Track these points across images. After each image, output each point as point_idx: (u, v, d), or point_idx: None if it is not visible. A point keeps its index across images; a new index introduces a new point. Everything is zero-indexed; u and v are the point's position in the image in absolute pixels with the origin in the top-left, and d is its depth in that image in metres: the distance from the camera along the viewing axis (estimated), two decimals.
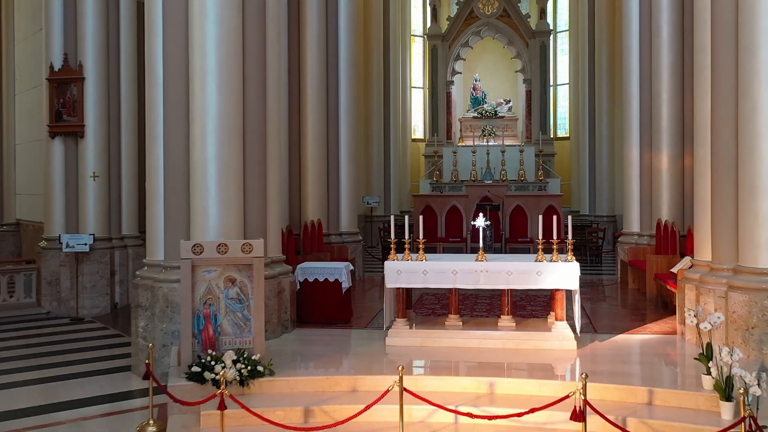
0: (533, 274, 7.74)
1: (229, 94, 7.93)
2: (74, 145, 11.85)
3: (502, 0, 21.21)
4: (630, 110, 12.78)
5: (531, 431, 6.05)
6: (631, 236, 12.75)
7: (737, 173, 7.45)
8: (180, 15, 7.93)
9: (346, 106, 13.11)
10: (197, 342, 6.85)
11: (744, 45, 7.32)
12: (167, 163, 8.10)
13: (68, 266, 11.71)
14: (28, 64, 15.44)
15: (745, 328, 7.21)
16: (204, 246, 6.79)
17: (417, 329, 8.04)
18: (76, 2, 11.74)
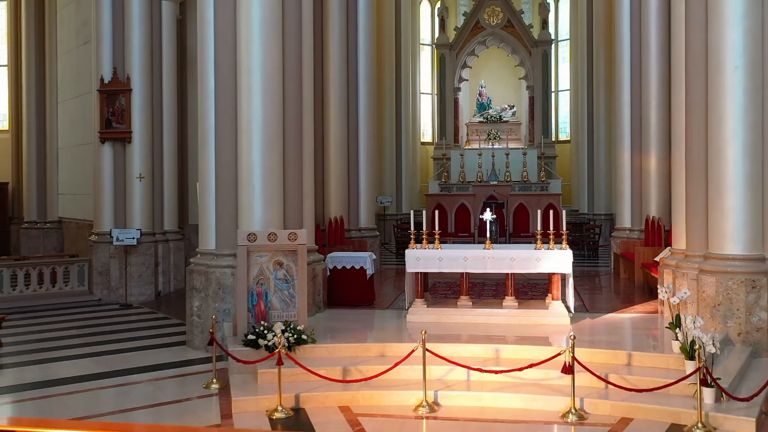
0: (533, 260, 9.06)
1: (271, 107, 9.28)
2: (122, 149, 13.21)
3: (506, 11, 22.48)
4: (622, 117, 14.10)
5: (530, 386, 7.34)
6: (623, 231, 14.07)
7: (707, 174, 8.74)
8: (229, 39, 9.27)
9: (364, 115, 14.44)
10: (251, 315, 8.19)
11: (712, 65, 8.62)
12: (218, 166, 9.44)
13: (117, 258, 13.07)
14: (71, 75, 16.81)
15: (713, 305, 8.52)
16: (257, 235, 8.13)
17: (433, 308, 9.36)
18: (124, 21, 13.10)
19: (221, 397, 7.49)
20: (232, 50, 9.28)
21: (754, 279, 8.39)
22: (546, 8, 22.79)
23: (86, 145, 15.59)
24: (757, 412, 6.59)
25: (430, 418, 6.87)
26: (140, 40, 13.14)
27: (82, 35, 15.86)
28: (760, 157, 8.48)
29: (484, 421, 6.78)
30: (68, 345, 9.97)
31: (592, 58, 20.49)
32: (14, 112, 19.55)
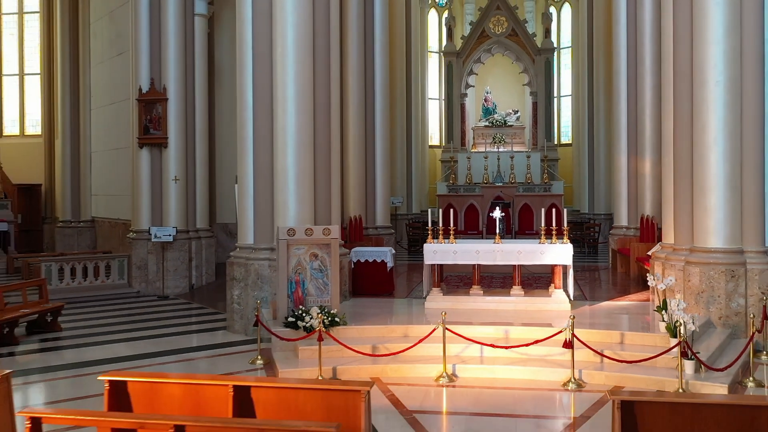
0: (537, 253, 10.20)
1: (303, 116, 10.42)
2: (159, 153, 14.36)
3: (510, 21, 23.56)
4: (619, 123, 15.22)
5: (535, 360, 8.46)
6: (620, 229, 15.18)
7: (692, 176, 9.86)
8: (266, 56, 10.41)
9: (380, 120, 15.56)
10: (290, 301, 9.32)
11: (696, 80, 9.74)
12: (256, 169, 10.57)
13: (155, 254, 14.23)
14: (105, 84, 17.97)
15: (697, 293, 9.64)
16: (296, 230, 9.27)
17: (448, 296, 10.49)
18: (160, 35, 14.25)
19: (267, 371, 8.61)
20: (268, 66, 10.41)
21: (733, 269, 9.52)
22: (549, 18, 23.86)
23: (120, 149, 16.75)
24: (730, 380, 7.71)
25: (449, 387, 7.99)
26: (175, 53, 14.28)
27: (116, 47, 17.02)
28: (739, 162, 9.60)
29: (496, 388, 7.91)
30: (121, 330, 11.11)
31: (593, 65, 21.55)
32: (47, 118, 20.72)
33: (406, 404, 7.33)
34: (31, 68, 21.94)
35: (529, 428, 6.74)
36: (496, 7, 23.52)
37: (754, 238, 9.67)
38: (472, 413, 7.19)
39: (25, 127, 22.14)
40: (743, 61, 9.61)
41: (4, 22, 22.04)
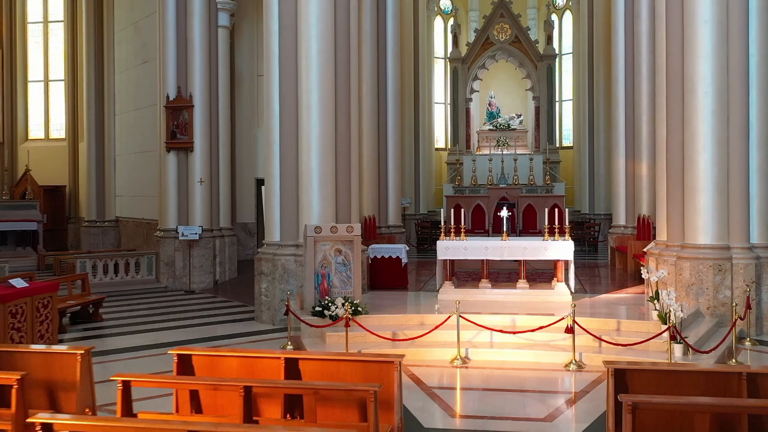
0: (541, 249, 11.12)
1: (326, 123, 11.35)
2: (185, 157, 15.29)
3: (514, 28, 24.47)
4: (618, 128, 16.14)
5: (540, 346, 9.38)
6: (619, 228, 16.10)
7: (683, 179, 10.77)
8: (291, 67, 11.33)
9: (392, 125, 16.50)
10: (316, 292, 10.25)
11: (687, 90, 10.66)
12: (282, 172, 11.49)
13: (182, 251, 15.16)
14: (130, 91, 18.91)
15: (688, 285, 10.56)
16: (322, 228, 10.19)
17: (459, 289, 11.41)
18: (187, 46, 15.19)
19: None
20: (294, 77, 11.34)
21: (720, 264, 10.44)
22: (551, 25, 24.76)
23: (144, 152, 17.69)
24: (714, 361, 8.63)
25: (463, 368, 8.91)
26: (200, 62, 15.22)
27: (141, 56, 17.96)
28: (726, 166, 10.52)
29: (505, 369, 8.83)
30: (156, 320, 12.05)
31: (593, 71, 22.43)
32: (71, 123, 21.67)
33: (426, 382, 8.25)
34: (55, 75, 22.88)
35: (535, 402, 7.65)
36: (500, 15, 24.41)
37: (739, 236, 10.60)
38: (484, 389, 8.12)
39: (49, 131, 23.09)
40: (729, 74, 10.52)
41: (29, 31, 22.99)
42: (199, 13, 15.13)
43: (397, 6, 16.99)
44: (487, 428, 6.78)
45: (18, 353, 6.42)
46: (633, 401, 4.96)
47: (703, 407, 5.03)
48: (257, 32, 18.41)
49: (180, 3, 15.17)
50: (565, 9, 26.10)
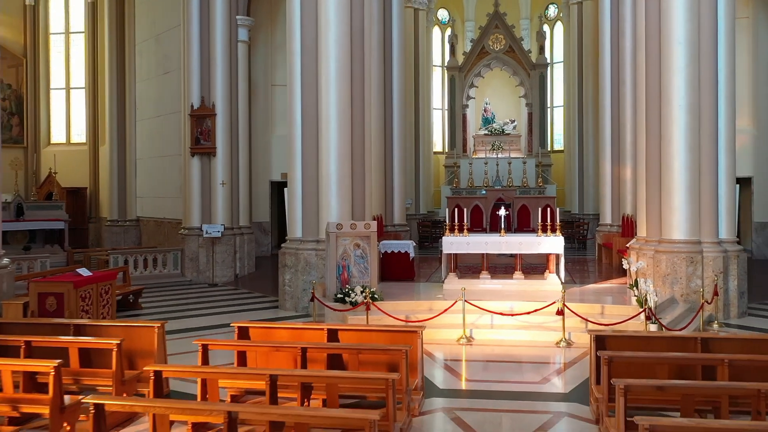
0: (535, 244, 12.54)
1: (343, 132, 12.71)
2: (208, 161, 16.63)
3: (508, 38, 25.89)
4: (604, 135, 17.58)
5: (534, 327, 10.77)
6: (605, 226, 17.54)
7: (660, 182, 12.20)
8: (312, 83, 12.68)
9: (397, 131, 17.87)
10: (338, 281, 11.62)
11: (663, 102, 12.08)
12: (304, 175, 12.84)
13: (205, 247, 16.50)
14: (151, 99, 20.22)
15: (664, 275, 11.99)
16: (343, 225, 11.56)
17: (462, 279, 12.79)
18: (210, 59, 16.52)
19: None
20: (314, 91, 12.70)
21: (692, 256, 11.88)
22: (543, 36, 26.19)
23: (165, 157, 19.01)
24: None
25: (468, 345, 10.30)
26: (222, 74, 16.57)
27: (162, 67, 19.29)
28: (697, 170, 11.95)
29: (504, 346, 10.23)
30: (189, 308, 13.39)
31: (582, 79, 23.82)
32: (91, 128, 22.97)
33: (438, 356, 9.64)
34: (76, 83, 24.15)
35: (530, 370, 9.05)
36: (495, 26, 25.83)
37: (709, 232, 12.04)
38: (487, 361, 9.52)
39: (71, 136, 24.37)
40: (701, 89, 11.97)
41: (52, 41, 24.28)
42: (221, 29, 16.47)
43: (402, 21, 18.38)
44: (491, 389, 8.17)
45: (105, 326, 7.79)
46: (609, 356, 6.37)
47: (663, 359, 6.43)
48: (271, 46, 19.79)
49: (203, 20, 16.50)
50: (556, 20, 27.59)
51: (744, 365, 6.21)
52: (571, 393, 7.99)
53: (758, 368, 6.21)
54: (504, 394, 7.93)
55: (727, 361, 6.16)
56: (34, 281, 9.78)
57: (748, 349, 6.78)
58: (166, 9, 19.15)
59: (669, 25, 12.02)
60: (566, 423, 7.02)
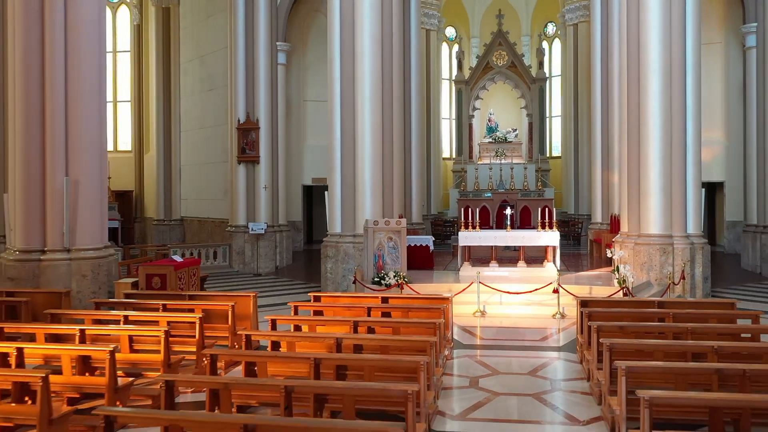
0: (535, 238, 15.13)
1: (376, 145, 15.29)
2: (252, 168, 19.22)
3: (510, 55, 28.50)
4: (595, 145, 20.18)
5: (535, 304, 13.36)
6: (596, 224, 20.14)
7: (639, 185, 14.78)
8: (350, 104, 15.25)
9: (415, 142, 20.46)
10: (374, 268, 14.21)
11: (642, 122, 14.67)
12: (343, 181, 15.42)
13: (250, 243, 19.09)
14: (194, 113, 22.83)
15: (642, 263, 14.57)
16: (378, 221, 14.15)
17: (475, 267, 15.36)
18: (254, 79, 19.11)
19: None
20: (352, 110, 15.27)
21: (664, 248, 14.45)
22: (542, 52, 28.80)
23: (209, 164, 21.60)
24: None
25: (481, 318, 12.88)
26: (264, 92, 19.18)
27: (206, 84, 21.90)
28: (669, 177, 14.50)
29: (511, 317, 12.81)
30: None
31: (577, 93, 26.38)
32: (137, 137, 25.58)
33: (458, 324, 12.22)
34: (122, 96, 26.78)
35: (532, 333, 11.61)
36: (498, 43, 28.46)
37: (679, 227, 14.59)
38: (498, 327, 12.11)
39: (117, 144, 26.97)
40: (672, 110, 14.53)
41: None
42: (264, 53, 19.09)
43: (419, 44, 20.98)
44: (502, 344, 10.76)
45: (215, 296, 10.38)
46: (589, 311, 8.97)
47: (627, 314, 9.02)
48: (303, 66, 22.36)
49: (248, 45, 19.12)
50: (554, 37, 30.21)
51: (684, 317, 8.78)
52: (563, 346, 10.59)
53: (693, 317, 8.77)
54: (512, 347, 10.53)
55: (671, 313, 8.75)
56: (143, 265, 12.37)
57: (687, 306, 9.38)
58: (210, 33, 21.77)
59: (646, 56, 14.61)
60: (559, 363, 9.62)
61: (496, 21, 28.44)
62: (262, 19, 19.14)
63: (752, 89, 18.35)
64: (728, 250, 21.44)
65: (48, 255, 11.68)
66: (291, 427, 4.52)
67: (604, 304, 9.75)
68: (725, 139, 20.63)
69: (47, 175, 11.66)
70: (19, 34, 11.64)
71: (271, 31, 19.29)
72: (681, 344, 7.20)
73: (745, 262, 18.94)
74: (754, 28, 18.10)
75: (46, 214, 11.72)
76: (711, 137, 20.05)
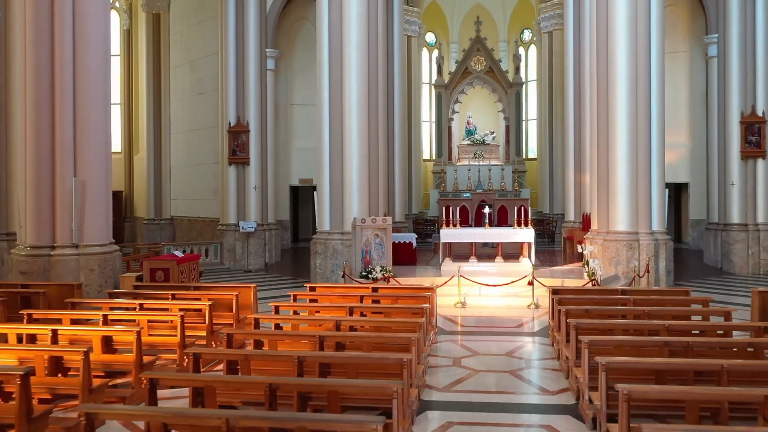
0: (512, 234, 16.20)
1: (362, 149, 16.25)
2: (242, 169, 20.07)
3: (488, 60, 29.61)
4: (569, 148, 21.32)
5: (511, 296, 14.41)
6: (569, 222, 21.28)
7: (608, 187, 15.91)
8: (338, 108, 16.20)
9: (398, 145, 21.46)
10: (362, 263, 15.17)
11: (610, 132, 15.79)
12: (331, 182, 16.36)
13: (241, 240, 19.94)
14: (185, 116, 23.63)
15: (610, 258, 15.70)
16: (366, 219, 15.12)
17: (455, 262, 16.39)
18: (245, 85, 19.97)
19: None
20: (339, 115, 16.23)
21: (631, 243, 15.57)
22: (518, 58, 29.95)
23: (199, 164, 22.40)
24: None
25: (462, 308, 13.88)
26: (254, 97, 20.05)
27: (196, 89, 22.71)
28: (635, 178, 15.63)
29: (489, 308, 13.83)
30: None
31: (552, 97, 27.56)
32: (126, 139, 26.28)
33: (441, 314, 13.21)
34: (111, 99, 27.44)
35: (508, 321, 12.64)
36: (477, 49, 29.54)
37: (644, 225, 15.73)
38: (477, 317, 13.12)
39: None
40: (638, 116, 15.67)
41: None
42: (254, 60, 19.97)
43: (402, 51, 21.99)
44: (482, 331, 11.78)
45: (219, 287, 11.27)
46: (559, 297, 10.01)
47: (593, 299, 10.08)
48: (290, 72, 23.25)
49: (239, 52, 19.98)
50: (530, 43, 31.38)
51: (643, 302, 9.85)
52: (537, 332, 11.63)
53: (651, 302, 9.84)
54: (491, 333, 11.55)
55: (632, 299, 9.82)
56: (147, 260, 13.21)
57: (647, 293, 10.47)
58: (200, 39, 22.59)
59: (614, 66, 15.74)
60: (532, 346, 10.66)
61: (474, 27, 29.53)
62: (252, 27, 20.02)
63: (713, 96, 19.59)
64: (693, 247, 22.70)
65: (58, 251, 12.48)
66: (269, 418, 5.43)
67: (574, 292, 10.82)
68: (690, 143, 21.87)
69: (57, 177, 12.46)
70: (29, 40, 12.43)
71: (260, 37, 20.18)
72: (639, 323, 8.25)
73: (707, 258, 20.19)
74: (715, 38, 19.35)
75: (55, 212, 12.52)
76: (677, 140, 21.30)
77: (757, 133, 18.51)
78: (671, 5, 21.22)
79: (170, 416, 4.68)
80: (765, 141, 18.50)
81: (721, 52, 19.26)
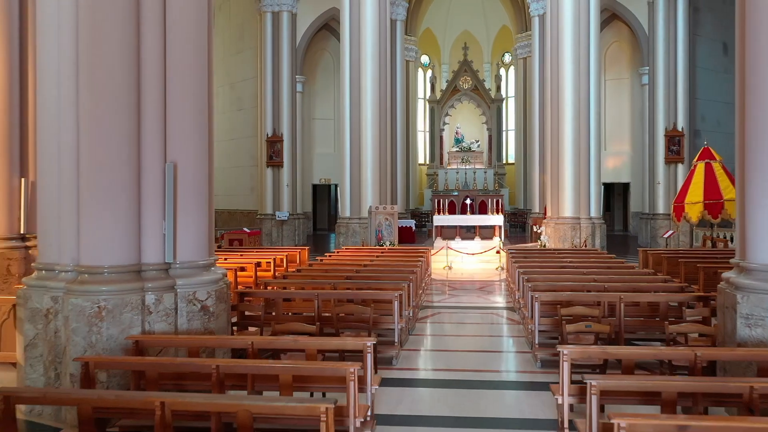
0: (487, 219, 21.67)
1: (375, 152, 21.66)
2: (277, 171, 25.42)
3: (474, 80, 35.04)
4: (534, 154, 26.78)
5: (485, 261, 19.82)
6: (535, 213, 26.76)
7: (558, 183, 21.35)
8: (357, 121, 21.59)
9: (400, 150, 26.86)
10: (375, 239, 20.57)
11: (560, 138, 21.25)
12: (351, 178, 21.74)
13: (276, 227, 25.28)
14: (224, 127, 28.93)
15: (559, 237, 21.14)
16: (378, 206, 20.53)
17: (444, 240, 21.81)
18: (280, 102, 25.32)
19: None
20: (358, 127, 21.62)
21: (574, 225, 21.03)
22: (499, 78, 35.42)
23: (238, 167, 27.74)
24: None
25: (448, 270, 19.27)
26: (287, 112, 25.40)
27: (236, 105, 28.07)
28: (578, 178, 21.10)
29: (469, 271, 19.24)
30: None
31: (526, 112, 32.94)
32: None
33: (433, 274, 18.58)
34: None
35: (482, 277, 18.02)
36: (464, 70, 35.00)
37: (584, 212, 21.19)
38: (461, 280, 18.52)
39: None
40: (580, 131, 21.12)
41: None
42: (287, 83, 25.34)
43: (404, 73, 27.41)
44: (464, 287, 17.16)
45: (281, 249, 16.65)
46: (514, 255, 15.45)
47: (538, 256, 15.47)
48: (312, 92, 28.62)
49: (275, 77, 25.34)
50: (511, 64, 36.85)
51: (571, 256, 15.22)
52: (500, 281, 17.05)
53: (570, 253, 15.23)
54: (469, 282, 16.97)
55: (567, 260, 15.23)
56: (228, 233, 18.55)
57: (577, 254, 15.93)
58: (239, 65, 27.93)
59: (563, 93, 21.19)
60: (496, 286, 16.07)
61: (462, 52, 34.96)
62: (285, 57, 25.38)
63: (646, 115, 25.10)
64: (632, 234, 28.20)
65: None
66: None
67: (525, 252, 16.25)
68: (631, 150, 27.37)
69: None
70: None
71: (291, 65, 25.53)
72: (556, 261, 13.68)
73: (641, 241, 25.66)
74: (646, 70, 24.87)
75: None
76: (621, 149, 26.80)
77: (677, 144, 24.01)
78: (617, 41, 26.77)
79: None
80: (683, 150, 24.00)
81: (651, 80, 24.76)
